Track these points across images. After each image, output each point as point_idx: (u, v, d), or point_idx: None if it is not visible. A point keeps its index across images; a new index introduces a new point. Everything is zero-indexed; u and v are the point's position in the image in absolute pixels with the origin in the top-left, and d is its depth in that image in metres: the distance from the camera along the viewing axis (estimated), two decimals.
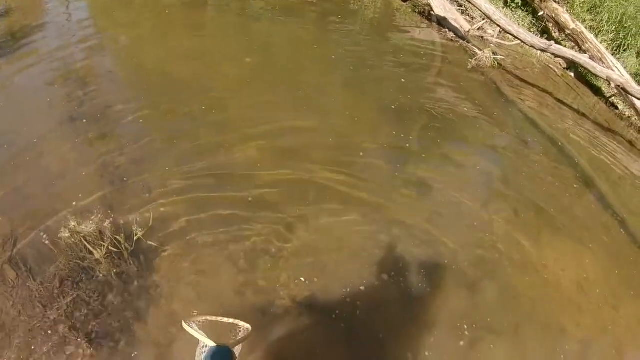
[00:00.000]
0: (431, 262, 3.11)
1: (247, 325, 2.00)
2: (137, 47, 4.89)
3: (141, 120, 3.76)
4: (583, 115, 5.61)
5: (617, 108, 6.01)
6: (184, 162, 3.41)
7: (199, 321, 1.94)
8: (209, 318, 1.98)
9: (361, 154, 3.85)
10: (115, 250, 2.69)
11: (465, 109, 4.88)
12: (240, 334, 1.99)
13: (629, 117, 5.84)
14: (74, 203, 2.98)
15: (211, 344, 1.75)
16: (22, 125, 3.52)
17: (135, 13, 5.68)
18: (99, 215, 2.86)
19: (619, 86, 4.94)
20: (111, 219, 2.86)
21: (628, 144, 5.36)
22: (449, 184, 3.76)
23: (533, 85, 5.77)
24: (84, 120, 3.65)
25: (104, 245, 2.65)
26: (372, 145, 3.97)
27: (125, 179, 3.21)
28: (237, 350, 1.87)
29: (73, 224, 2.71)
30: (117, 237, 2.70)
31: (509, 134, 4.73)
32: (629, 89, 4.81)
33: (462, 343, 2.72)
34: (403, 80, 5.10)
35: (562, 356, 2.85)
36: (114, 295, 2.56)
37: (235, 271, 2.80)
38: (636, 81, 5.40)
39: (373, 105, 4.58)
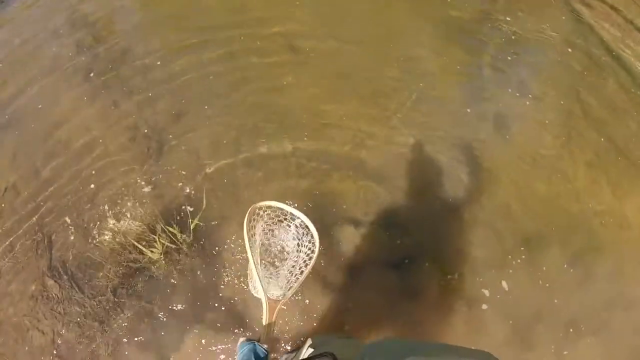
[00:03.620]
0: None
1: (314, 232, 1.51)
2: None
3: (170, 65, 3.21)
4: None
5: None
6: (229, 108, 2.95)
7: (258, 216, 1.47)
8: (279, 205, 1.50)
9: (414, 96, 3.37)
10: (172, 245, 2.29)
11: (542, 32, 4.24)
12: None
13: None
14: (108, 189, 2.53)
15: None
16: (29, 91, 3.02)
17: None
18: (142, 202, 2.44)
19: None
20: (156, 204, 2.43)
21: None
22: (528, 121, 3.36)
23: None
24: (102, 77, 3.10)
25: (156, 242, 2.22)
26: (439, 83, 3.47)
27: (164, 144, 2.77)
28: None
29: (112, 222, 2.31)
30: (170, 229, 2.28)
31: (584, 59, 4.14)
32: None
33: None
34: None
35: None
36: (181, 297, 2.20)
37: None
38: None
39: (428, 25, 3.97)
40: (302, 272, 1.45)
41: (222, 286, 2.29)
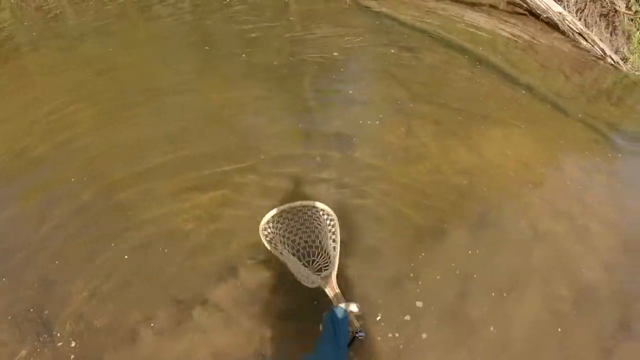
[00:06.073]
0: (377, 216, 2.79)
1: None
2: None
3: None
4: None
5: None
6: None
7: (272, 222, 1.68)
8: (283, 208, 1.73)
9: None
10: None
11: (348, 40, 4.52)
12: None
13: None
14: None
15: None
16: None
17: None
18: None
19: None
20: None
21: (492, 9, 5.42)
22: (367, 129, 3.43)
23: None
24: None
25: None
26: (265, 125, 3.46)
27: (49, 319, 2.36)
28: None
29: None
30: None
31: (394, 46, 4.47)
32: None
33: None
34: (275, 35, 4.55)
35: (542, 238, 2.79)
36: None
37: None
38: None
39: (244, 73, 4.02)
40: (334, 240, 1.61)
41: None
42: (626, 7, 4.57)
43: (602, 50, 4.49)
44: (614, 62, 4.47)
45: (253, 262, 2.50)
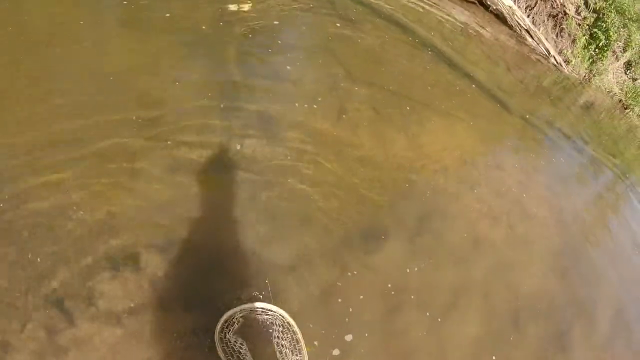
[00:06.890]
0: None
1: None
2: None
3: None
4: None
5: None
6: None
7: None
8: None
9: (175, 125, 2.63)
10: None
11: (288, 8, 3.87)
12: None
13: None
14: None
15: None
16: None
17: None
18: None
19: None
20: None
21: None
22: (297, 111, 2.88)
23: None
24: None
25: None
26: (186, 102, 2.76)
27: None
28: None
29: None
30: None
31: (338, 19, 3.93)
32: None
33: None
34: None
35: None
36: None
37: None
38: None
39: (166, 34, 3.25)
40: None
41: None
42: (576, 11, 4.47)
43: (547, 49, 4.37)
44: (557, 62, 4.37)
45: (153, 258, 1.90)
